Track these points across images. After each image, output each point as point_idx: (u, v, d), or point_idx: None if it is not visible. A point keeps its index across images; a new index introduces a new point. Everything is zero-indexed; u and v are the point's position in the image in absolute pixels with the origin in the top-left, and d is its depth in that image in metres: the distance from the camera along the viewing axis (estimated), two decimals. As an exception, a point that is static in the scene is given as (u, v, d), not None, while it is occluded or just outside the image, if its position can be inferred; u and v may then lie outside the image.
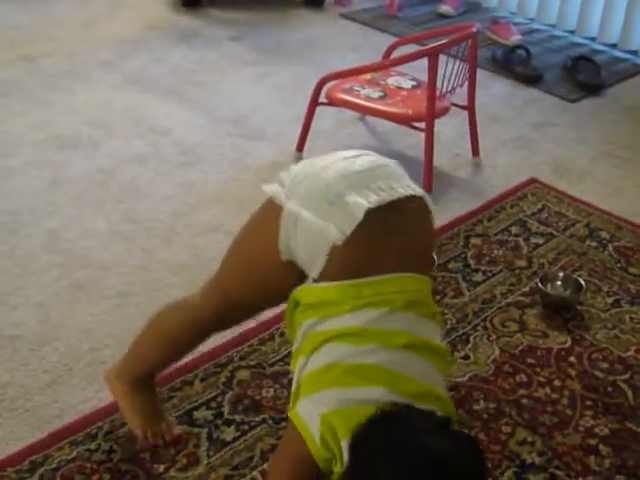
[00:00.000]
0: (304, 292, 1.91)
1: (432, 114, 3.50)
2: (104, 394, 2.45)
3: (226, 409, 2.44)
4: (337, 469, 1.76)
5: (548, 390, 2.59)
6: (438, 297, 2.96)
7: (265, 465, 2.25)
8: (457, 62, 3.64)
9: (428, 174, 3.55)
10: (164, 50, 5.13)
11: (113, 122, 4.18)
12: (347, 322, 1.82)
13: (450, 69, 3.61)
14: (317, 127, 3.90)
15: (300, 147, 3.86)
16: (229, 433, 2.36)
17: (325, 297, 1.86)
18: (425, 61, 3.49)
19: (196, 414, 2.42)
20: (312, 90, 3.77)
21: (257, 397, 2.48)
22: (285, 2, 6.08)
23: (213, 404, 2.46)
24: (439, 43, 3.45)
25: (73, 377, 2.55)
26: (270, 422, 2.40)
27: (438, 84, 3.53)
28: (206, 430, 2.37)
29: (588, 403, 2.55)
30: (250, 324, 2.74)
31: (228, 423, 2.39)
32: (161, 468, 2.24)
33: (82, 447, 2.29)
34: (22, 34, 5.29)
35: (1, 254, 3.14)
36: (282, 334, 2.73)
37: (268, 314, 2.67)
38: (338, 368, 1.80)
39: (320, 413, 1.77)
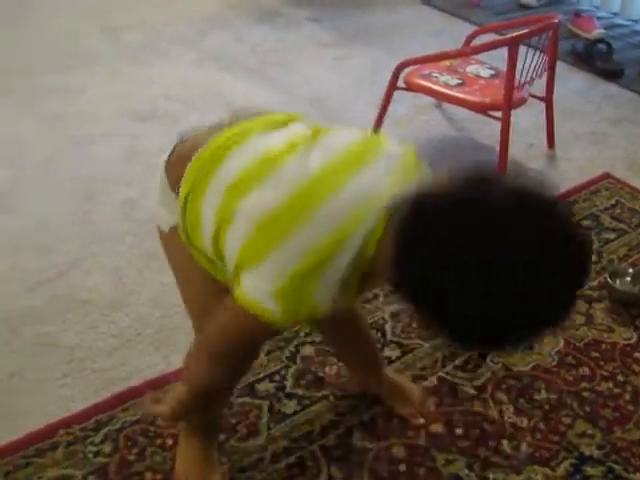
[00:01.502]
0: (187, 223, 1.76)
1: (509, 104, 3.49)
2: (172, 359, 2.51)
3: (289, 383, 2.47)
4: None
5: (611, 385, 2.57)
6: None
7: (324, 440, 2.29)
8: (537, 53, 3.62)
9: (503, 163, 3.54)
10: (244, 28, 5.18)
11: (190, 97, 4.23)
12: (232, 164, 1.68)
13: (530, 60, 3.59)
14: (394, 112, 3.90)
15: (376, 129, 3.87)
16: (290, 407, 2.39)
17: (187, 185, 1.73)
18: (505, 51, 3.47)
19: (258, 386, 2.45)
20: (390, 74, 3.77)
21: (320, 373, 2.51)
22: (367, -14, 6.09)
23: (277, 377, 2.49)
24: (519, 33, 3.43)
25: (141, 342, 2.60)
26: (331, 398, 2.42)
27: (517, 74, 3.51)
28: (268, 402, 2.40)
29: (651, 400, 2.54)
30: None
31: (290, 397, 2.42)
32: (222, 437, 2.28)
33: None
34: (103, 5, 5.37)
35: (77, 220, 3.21)
36: (348, 313, 2.75)
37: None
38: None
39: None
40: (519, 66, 3.50)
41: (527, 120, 4.06)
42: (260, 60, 4.75)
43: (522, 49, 3.53)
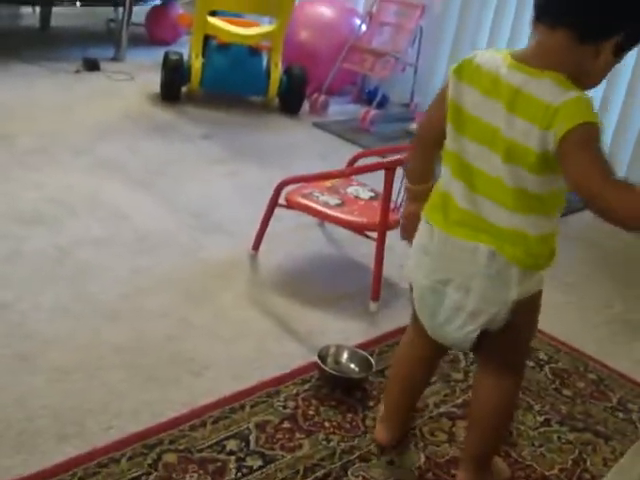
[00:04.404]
0: None
1: (384, 225, 3.60)
2: (32, 462, 2.48)
3: (148, 489, 2.48)
4: None
5: (467, 502, 2.63)
6: (372, 402, 3.03)
7: None
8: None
9: (377, 283, 3.63)
10: (137, 140, 5.27)
11: (76, 203, 4.27)
12: None
13: (407, 184, 3.73)
14: (276, 228, 3.99)
15: (256, 246, 3.95)
16: (148, 513, 2.40)
17: None
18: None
19: (118, 490, 2.45)
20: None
21: (180, 481, 2.52)
22: (261, 107, 6.27)
23: (136, 483, 2.49)
24: (396, 157, 3.57)
25: (1, 444, 2.58)
26: (190, 506, 2.44)
27: (394, 197, 3.64)
28: (125, 508, 2.40)
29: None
30: (182, 410, 2.80)
31: (148, 503, 2.43)
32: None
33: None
34: (3, 112, 5.42)
35: (-51, 318, 3.19)
36: (214, 422, 2.78)
37: (203, 400, 2.76)
38: None
39: None
40: (396, 189, 3.63)
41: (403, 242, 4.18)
42: (149, 171, 4.83)
43: (403, 173, 3.66)
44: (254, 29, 6.22)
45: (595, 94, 2.26)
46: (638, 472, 1.95)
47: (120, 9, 7.11)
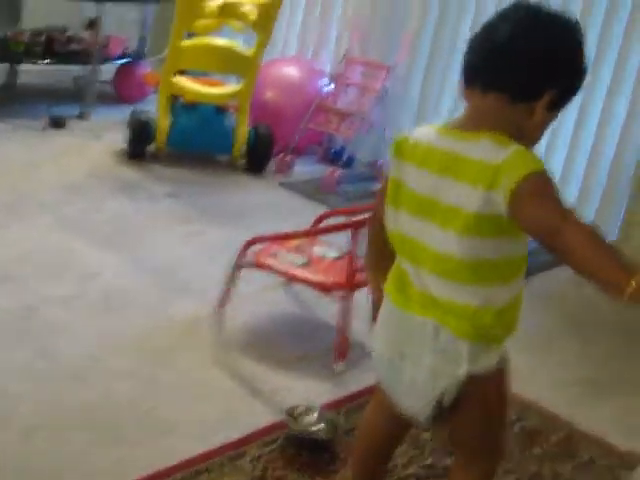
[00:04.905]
0: None
1: (351, 284, 3.62)
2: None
3: None
4: None
5: None
6: (339, 463, 3.02)
7: None
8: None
9: (343, 342, 3.65)
10: (103, 198, 5.27)
11: (43, 261, 4.27)
12: None
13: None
14: (242, 288, 3.97)
15: (221, 305, 3.93)
16: None
17: None
18: (352, 234, 3.64)
19: None
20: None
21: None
22: (227, 166, 6.29)
23: None
24: (362, 217, 3.60)
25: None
26: None
27: (360, 256, 3.66)
28: None
29: None
30: (148, 471, 2.78)
31: None
32: None
33: None
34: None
35: None
36: None
37: (168, 461, 2.75)
38: None
39: None
40: (362, 248, 3.65)
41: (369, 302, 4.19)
42: (115, 230, 4.83)
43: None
44: (221, 88, 6.26)
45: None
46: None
47: (88, 66, 7.13)
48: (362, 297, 3.87)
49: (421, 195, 2.12)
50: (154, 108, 6.21)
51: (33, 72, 7.40)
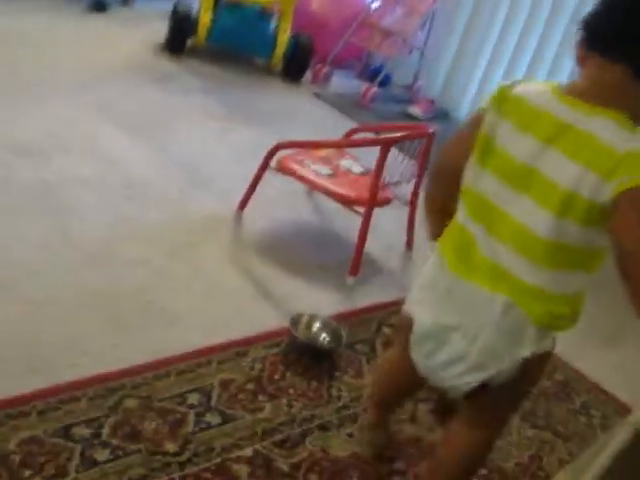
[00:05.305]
0: None
1: (372, 201, 3.60)
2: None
3: (105, 431, 2.48)
4: None
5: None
6: (338, 373, 3.03)
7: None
8: (408, 158, 3.77)
9: (357, 258, 3.64)
10: (137, 87, 5.24)
11: (69, 141, 4.26)
12: None
13: (400, 163, 3.73)
14: (264, 192, 3.99)
15: (243, 206, 3.94)
16: (103, 455, 2.40)
17: None
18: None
19: (74, 430, 2.45)
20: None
21: (138, 427, 2.52)
22: (264, 70, 6.24)
23: (94, 424, 2.49)
24: (392, 135, 3.57)
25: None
26: (145, 453, 2.44)
27: (385, 174, 3.64)
28: (80, 447, 2.40)
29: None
30: (148, 359, 2.81)
31: (104, 445, 2.43)
32: (27, 473, 2.26)
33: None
34: (8, 39, 5.40)
35: None
36: (179, 374, 2.78)
37: (170, 351, 2.77)
38: None
39: None
40: (390, 168, 3.63)
41: (391, 221, 4.19)
42: (144, 119, 4.81)
43: (396, 153, 3.67)
44: (267, -9, 6.19)
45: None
46: (591, 475, 1.95)
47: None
48: (382, 216, 3.88)
49: (518, 162, 1.93)
50: (197, 3, 6.14)
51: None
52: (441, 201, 2.24)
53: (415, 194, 3.96)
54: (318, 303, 3.43)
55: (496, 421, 2.30)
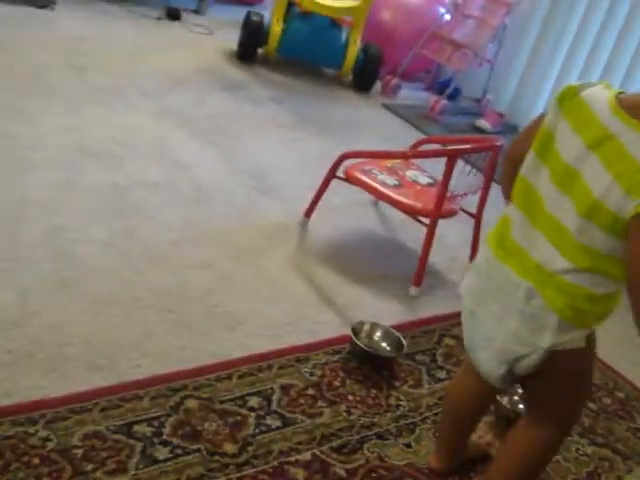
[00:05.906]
0: None
1: (438, 212, 3.61)
2: (59, 386, 2.54)
3: (166, 430, 2.51)
4: None
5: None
6: (398, 383, 3.04)
7: (188, 490, 2.33)
8: (475, 171, 3.76)
9: (421, 268, 3.64)
10: (207, 94, 5.31)
11: (139, 145, 4.33)
12: None
13: (467, 176, 3.73)
14: (330, 200, 4.02)
15: (308, 214, 3.96)
16: (163, 453, 2.43)
17: None
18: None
19: (136, 427, 2.48)
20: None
21: (198, 427, 2.55)
22: (333, 80, 6.29)
23: (155, 423, 2.52)
24: (459, 147, 3.57)
25: (32, 363, 2.62)
26: (204, 453, 2.46)
27: (451, 186, 3.64)
28: (141, 444, 2.43)
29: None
30: (211, 361, 2.84)
31: (164, 444, 2.46)
32: (89, 467, 2.30)
33: (21, 428, 2.36)
34: (80, 45, 5.50)
35: (1, 235, 3.24)
36: (240, 376, 2.81)
37: (232, 354, 2.80)
38: None
39: None
40: (456, 179, 3.63)
41: (456, 233, 4.18)
42: (214, 126, 4.86)
43: (463, 165, 3.67)
44: (338, 2, 6.22)
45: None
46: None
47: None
48: (447, 227, 3.87)
49: (566, 163, 1.99)
50: (269, 12, 6.21)
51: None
52: (509, 187, 2.27)
53: (481, 206, 3.95)
54: (380, 312, 3.44)
55: (554, 419, 2.30)
